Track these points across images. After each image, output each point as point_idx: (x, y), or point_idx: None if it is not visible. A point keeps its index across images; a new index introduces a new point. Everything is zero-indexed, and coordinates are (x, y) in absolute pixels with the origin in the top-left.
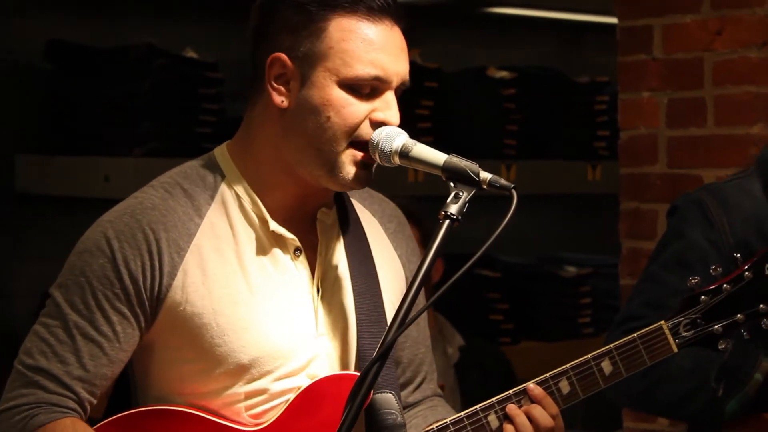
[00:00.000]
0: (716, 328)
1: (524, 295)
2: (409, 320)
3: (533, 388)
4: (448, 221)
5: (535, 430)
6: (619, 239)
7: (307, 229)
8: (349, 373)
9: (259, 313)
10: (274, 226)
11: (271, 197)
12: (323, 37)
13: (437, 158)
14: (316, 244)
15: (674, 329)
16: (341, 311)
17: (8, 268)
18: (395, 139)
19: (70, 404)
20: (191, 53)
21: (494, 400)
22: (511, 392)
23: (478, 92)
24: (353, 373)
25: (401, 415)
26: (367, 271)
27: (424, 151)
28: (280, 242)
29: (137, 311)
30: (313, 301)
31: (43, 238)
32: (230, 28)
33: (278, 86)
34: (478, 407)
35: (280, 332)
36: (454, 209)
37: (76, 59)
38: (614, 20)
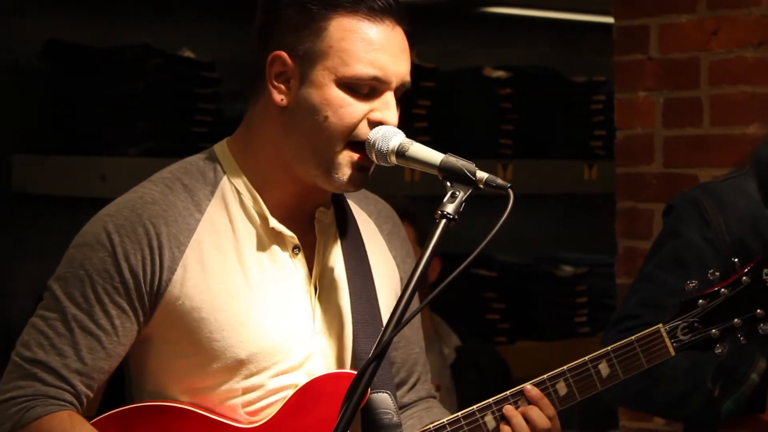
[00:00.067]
0: (713, 332)
1: (521, 294)
2: (405, 319)
3: (530, 389)
4: (444, 221)
5: (532, 431)
6: (615, 239)
7: (305, 227)
8: (346, 371)
9: (257, 308)
10: (273, 223)
11: (270, 195)
12: (324, 36)
13: (434, 158)
14: (313, 242)
15: (672, 332)
16: (338, 311)
17: (5, 267)
18: (392, 138)
19: (67, 397)
20: (188, 53)
21: (491, 400)
22: (508, 393)
23: (474, 92)
24: (350, 371)
25: (397, 415)
26: (363, 272)
27: (420, 150)
28: (279, 239)
29: (136, 305)
30: (310, 299)
31: (40, 237)
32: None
33: (278, 84)
34: (475, 407)
35: (278, 328)
36: (450, 209)
37: (73, 59)
38: (611, 20)
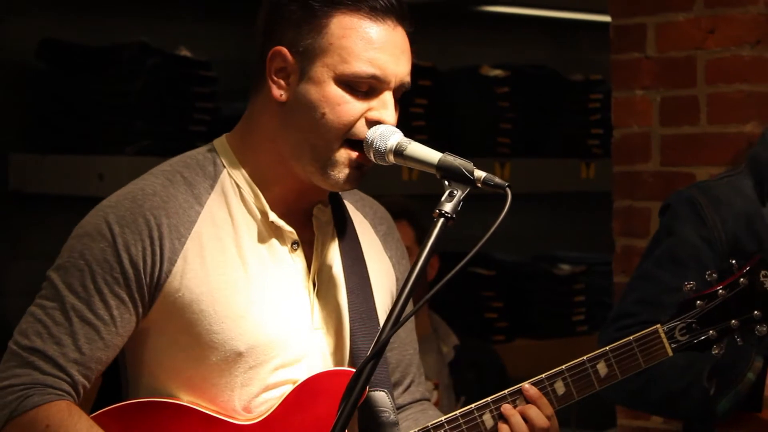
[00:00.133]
0: (711, 333)
1: (519, 293)
2: (403, 318)
3: (529, 388)
4: (442, 219)
5: (530, 430)
6: (612, 237)
7: (303, 224)
8: (344, 369)
9: (256, 302)
10: (273, 217)
11: (269, 190)
12: (324, 33)
13: (432, 157)
14: (311, 239)
15: (670, 333)
16: (335, 307)
17: (2, 266)
18: (390, 137)
19: (64, 386)
20: (185, 52)
21: (489, 399)
22: (506, 392)
23: (472, 90)
24: (348, 369)
25: (394, 413)
26: (359, 270)
27: (418, 149)
28: (278, 234)
29: (135, 296)
30: (309, 294)
31: (37, 236)
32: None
33: (278, 80)
34: (473, 406)
35: (276, 322)
36: (448, 207)
37: (69, 58)
38: (607, 18)
